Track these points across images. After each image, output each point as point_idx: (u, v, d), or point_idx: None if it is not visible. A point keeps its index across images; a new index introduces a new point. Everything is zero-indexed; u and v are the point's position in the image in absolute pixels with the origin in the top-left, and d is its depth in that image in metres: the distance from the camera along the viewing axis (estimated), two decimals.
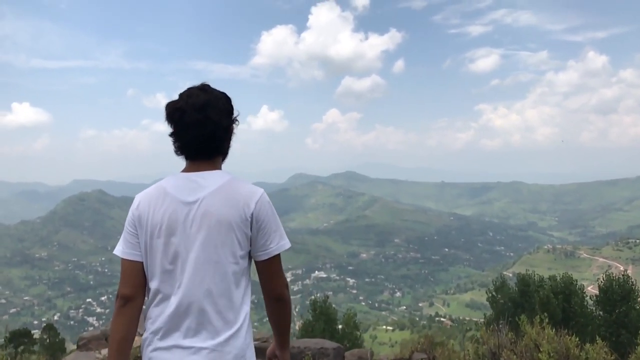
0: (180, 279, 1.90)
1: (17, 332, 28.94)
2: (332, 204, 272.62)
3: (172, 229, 1.92)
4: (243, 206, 1.92)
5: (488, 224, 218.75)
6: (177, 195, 1.94)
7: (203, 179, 1.96)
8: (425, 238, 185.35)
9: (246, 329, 1.99)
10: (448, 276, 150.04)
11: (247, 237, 1.95)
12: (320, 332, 15.89)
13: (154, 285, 1.94)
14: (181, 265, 1.91)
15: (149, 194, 2.01)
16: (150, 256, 1.95)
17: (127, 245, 1.99)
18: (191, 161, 2.03)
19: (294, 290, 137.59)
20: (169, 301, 1.90)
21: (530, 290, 15.15)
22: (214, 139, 1.99)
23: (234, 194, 1.93)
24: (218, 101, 2.00)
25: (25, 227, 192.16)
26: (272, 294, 2.07)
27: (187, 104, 1.95)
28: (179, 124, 1.96)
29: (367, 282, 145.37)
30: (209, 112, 1.95)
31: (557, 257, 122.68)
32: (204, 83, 2.06)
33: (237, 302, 1.96)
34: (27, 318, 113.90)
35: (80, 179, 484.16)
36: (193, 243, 1.90)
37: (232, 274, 1.95)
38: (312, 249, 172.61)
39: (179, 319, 1.88)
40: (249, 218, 1.92)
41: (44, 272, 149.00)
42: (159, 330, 1.90)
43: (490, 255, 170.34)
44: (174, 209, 1.92)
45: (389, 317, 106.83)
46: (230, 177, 2.00)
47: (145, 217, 1.95)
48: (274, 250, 2.00)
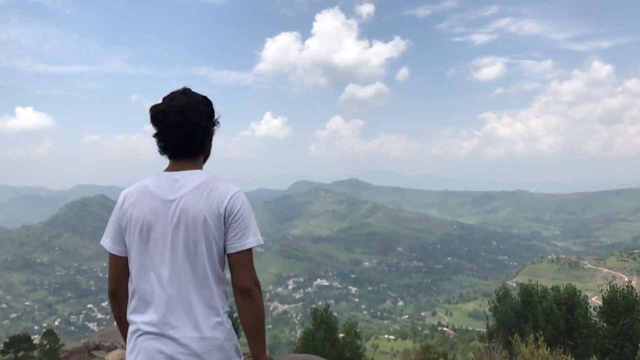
0: (162, 273, 2.04)
1: (17, 338, 28.86)
2: (334, 211, 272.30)
3: (152, 225, 2.06)
4: (217, 203, 2.05)
5: (491, 233, 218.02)
6: (158, 193, 2.09)
7: (183, 178, 2.10)
8: (428, 247, 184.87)
9: (227, 320, 2.14)
10: (451, 285, 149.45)
11: (222, 232, 2.07)
12: (321, 341, 15.75)
13: (137, 279, 2.08)
14: (162, 260, 2.04)
15: (132, 192, 2.15)
16: (132, 251, 2.10)
17: (114, 241, 2.17)
18: (174, 160, 2.18)
19: (295, 298, 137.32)
20: (153, 294, 2.04)
21: (534, 301, 14.94)
22: (193, 139, 2.14)
23: (210, 192, 2.07)
24: (198, 104, 2.17)
25: (27, 232, 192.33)
26: (238, 285, 2.11)
27: (168, 106, 2.12)
28: (161, 125, 2.13)
29: (370, 290, 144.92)
30: (189, 114, 2.11)
31: (561, 267, 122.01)
32: (186, 87, 2.23)
33: (217, 294, 2.10)
34: (27, 323, 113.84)
35: (82, 184, 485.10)
36: (173, 239, 2.04)
37: (210, 267, 2.07)
38: (314, 256, 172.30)
39: (164, 311, 2.02)
40: (222, 213, 2.05)
41: (45, 277, 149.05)
42: (145, 321, 2.03)
43: (493, 264, 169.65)
44: (155, 206, 2.07)
45: (391, 326, 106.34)
46: (209, 176, 2.14)
47: (129, 214, 2.10)
48: (242, 245, 2.11)
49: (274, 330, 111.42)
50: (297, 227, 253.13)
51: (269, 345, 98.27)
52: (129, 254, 2.14)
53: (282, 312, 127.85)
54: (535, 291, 15.37)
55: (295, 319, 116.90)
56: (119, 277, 2.19)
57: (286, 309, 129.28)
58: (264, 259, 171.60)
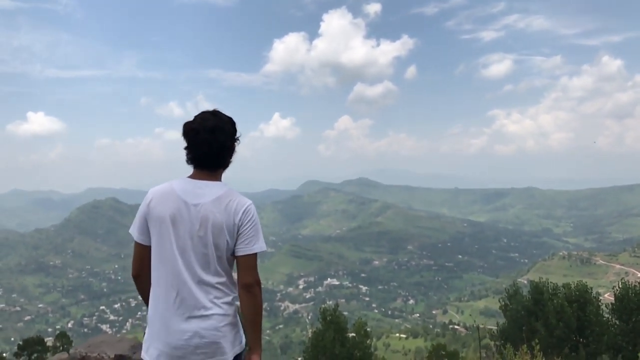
0: (181, 264, 2.51)
1: (30, 340, 29.13)
2: (344, 210, 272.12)
3: (176, 222, 2.52)
4: (233, 214, 2.53)
5: (502, 230, 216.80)
6: (182, 196, 2.55)
7: (206, 187, 2.59)
8: (439, 245, 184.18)
9: (233, 308, 2.63)
10: (462, 283, 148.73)
11: (234, 238, 2.55)
12: (331, 341, 15.71)
13: (157, 268, 2.58)
14: (182, 252, 2.52)
15: (159, 191, 2.62)
16: (155, 243, 2.58)
17: (140, 231, 2.64)
18: (198, 170, 2.65)
19: (306, 298, 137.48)
20: (172, 283, 2.52)
21: (544, 299, 14.82)
22: (219, 156, 2.63)
23: (227, 204, 2.55)
24: (225, 125, 2.63)
25: (40, 235, 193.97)
26: (243, 282, 2.58)
27: (200, 125, 2.57)
28: (192, 141, 2.58)
29: (380, 289, 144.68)
30: (217, 134, 2.57)
31: (573, 264, 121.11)
32: (215, 109, 2.69)
33: (227, 283, 2.59)
34: (41, 325, 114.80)
35: (94, 187, 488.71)
36: (193, 238, 2.51)
37: (221, 265, 2.55)
38: (324, 256, 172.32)
39: (182, 297, 2.50)
40: (237, 223, 2.53)
41: (58, 280, 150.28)
42: (169, 306, 2.51)
43: (504, 262, 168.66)
44: (180, 206, 2.53)
45: (402, 325, 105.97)
46: (227, 189, 2.62)
47: (156, 210, 2.57)
48: (250, 250, 2.58)
49: (285, 329, 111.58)
50: (307, 227, 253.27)
51: (280, 344, 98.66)
52: (152, 245, 2.60)
53: (293, 311, 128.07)
54: (546, 289, 15.25)
55: (306, 318, 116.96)
56: (141, 262, 2.67)
57: (297, 309, 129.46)
58: (275, 259, 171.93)
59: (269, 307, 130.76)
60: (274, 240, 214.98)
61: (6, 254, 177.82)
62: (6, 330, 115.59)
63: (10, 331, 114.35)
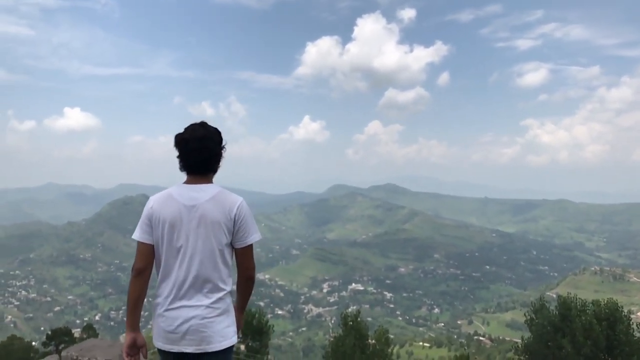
0: (184, 259, 2.90)
1: (58, 331, 29.76)
2: (371, 216, 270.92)
3: (177, 223, 2.91)
4: (228, 211, 2.93)
5: (532, 242, 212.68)
6: (180, 200, 2.95)
7: (200, 190, 2.97)
8: (466, 254, 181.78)
9: (229, 297, 3.03)
10: (489, 294, 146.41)
11: (231, 232, 2.95)
12: (351, 347, 15.61)
13: (164, 265, 2.96)
14: (184, 250, 2.91)
15: (159, 197, 3.04)
16: (161, 243, 2.95)
17: (142, 231, 3.00)
18: (191, 176, 3.03)
19: (329, 302, 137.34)
20: (177, 275, 2.91)
21: (572, 315, 14.39)
22: (209, 162, 3.02)
23: (222, 202, 2.95)
24: (212, 135, 3.02)
25: (72, 228, 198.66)
26: (244, 274, 3.11)
27: (191, 136, 2.96)
28: (184, 150, 2.98)
29: (405, 296, 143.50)
30: (207, 143, 2.97)
31: (605, 280, 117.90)
32: (203, 121, 3.08)
33: (224, 276, 2.97)
34: (70, 317, 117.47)
35: (125, 183, 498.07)
36: (193, 235, 2.90)
37: (220, 257, 2.94)
38: (349, 260, 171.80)
39: (184, 288, 2.89)
40: (232, 218, 2.93)
41: (87, 273, 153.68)
42: (169, 296, 2.91)
43: (533, 274, 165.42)
44: (179, 209, 2.93)
45: (426, 334, 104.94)
46: (220, 189, 3.01)
47: (157, 214, 2.96)
48: (248, 241, 3.01)
49: (308, 332, 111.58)
50: (333, 231, 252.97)
51: (303, 347, 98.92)
52: (156, 246, 2.97)
53: (317, 315, 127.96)
54: (574, 304, 14.80)
55: (329, 322, 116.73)
56: (145, 259, 2.99)
57: (320, 312, 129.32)
58: (300, 262, 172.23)
59: (292, 309, 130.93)
60: (299, 243, 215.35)
61: (39, 245, 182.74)
62: (37, 319, 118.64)
63: (40, 320, 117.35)
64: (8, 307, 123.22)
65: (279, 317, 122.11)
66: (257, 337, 18.10)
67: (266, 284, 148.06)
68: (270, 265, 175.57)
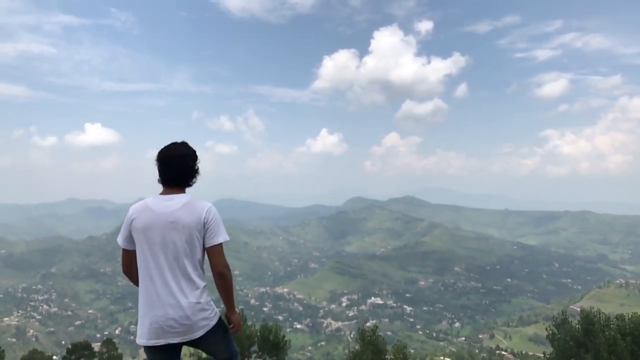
0: (162, 263, 3.34)
1: (78, 345, 29.91)
2: (389, 228, 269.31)
3: (152, 230, 3.35)
4: (198, 215, 3.39)
5: (554, 254, 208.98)
6: (155, 209, 3.41)
7: (173, 199, 3.45)
8: (487, 267, 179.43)
9: (205, 291, 3.47)
10: (510, 308, 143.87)
11: (202, 234, 3.40)
12: None
13: (145, 266, 3.40)
14: (161, 254, 3.34)
15: (138, 206, 3.51)
16: (139, 250, 3.43)
17: (123, 238, 3.52)
18: (167, 188, 3.54)
19: (349, 316, 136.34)
20: (156, 279, 3.35)
21: (595, 329, 14.02)
22: (187, 177, 3.54)
23: (193, 208, 3.40)
24: (192, 154, 3.57)
25: (92, 243, 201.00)
26: (215, 269, 3.46)
27: (174, 153, 3.49)
28: (166, 165, 3.49)
29: (425, 310, 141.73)
30: (187, 160, 3.51)
31: (631, 293, 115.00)
32: (184, 141, 3.61)
33: (198, 274, 3.41)
34: (90, 331, 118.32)
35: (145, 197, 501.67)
36: (168, 240, 3.33)
37: (193, 257, 3.38)
38: (368, 274, 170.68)
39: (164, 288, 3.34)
40: (202, 222, 3.39)
41: (107, 287, 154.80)
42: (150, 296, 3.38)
43: (555, 287, 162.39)
44: (154, 217, 3.38)
45: (447, 348, 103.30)
46: (191, 197, 3.49)
47: (135, 222, 3.43)
48: (215, 241, 3.42)
49: (327, 347, 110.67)
50: (351, 244, 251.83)
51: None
52: (137, 251, 3.44)
53: (336, 329, 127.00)
54: (597, 319, 14.42)
55: (348, 336, 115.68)
56: (129, 263, 3.58)
57: (340, 326, 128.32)
58: (318, 275, 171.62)
59: (311, 323, 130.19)
60: (318, 256, 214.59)
61: (60, 259, 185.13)
62: (58, 333, 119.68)
63: (61, 334, 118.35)
64: (30, 321, 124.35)
65: (297, 331, 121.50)
66: (273, 352, 17.97)
67: (285, 298, 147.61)
68: (289, 279, 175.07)
